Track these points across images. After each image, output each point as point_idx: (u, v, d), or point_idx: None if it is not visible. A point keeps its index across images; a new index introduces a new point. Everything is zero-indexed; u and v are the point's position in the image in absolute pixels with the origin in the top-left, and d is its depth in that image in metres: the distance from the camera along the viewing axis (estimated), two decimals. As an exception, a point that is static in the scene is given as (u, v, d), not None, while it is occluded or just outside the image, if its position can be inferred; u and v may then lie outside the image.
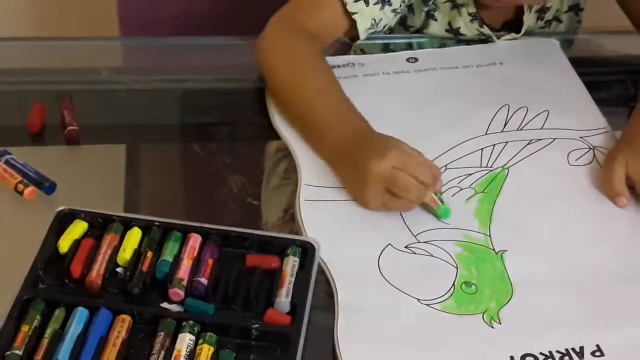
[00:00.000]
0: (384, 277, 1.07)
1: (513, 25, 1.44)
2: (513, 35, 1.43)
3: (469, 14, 1.40)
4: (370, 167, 1.10)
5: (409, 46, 1.44)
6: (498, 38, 1.43)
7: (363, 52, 1.41)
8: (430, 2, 1.39)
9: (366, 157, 1.11)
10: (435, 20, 1.41)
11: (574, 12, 1.48)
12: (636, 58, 1.47)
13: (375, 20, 1.32)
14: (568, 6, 1.46)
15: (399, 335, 1.01)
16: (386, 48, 1.43)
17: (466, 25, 1.41)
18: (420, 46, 1.43)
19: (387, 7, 1.32)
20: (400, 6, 1.35)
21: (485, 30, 1.41)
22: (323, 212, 1.15)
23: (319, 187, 1.17)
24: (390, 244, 1.11)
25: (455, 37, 1.43)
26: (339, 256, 1.09)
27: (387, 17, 1.33)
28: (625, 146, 1.20)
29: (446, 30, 1.43)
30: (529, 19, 1.42)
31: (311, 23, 1.31)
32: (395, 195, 1.11)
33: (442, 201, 1.14)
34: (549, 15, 1.45)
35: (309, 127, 1.22)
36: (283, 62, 1.27)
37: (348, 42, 1.38)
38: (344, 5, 1.30)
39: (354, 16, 1.31)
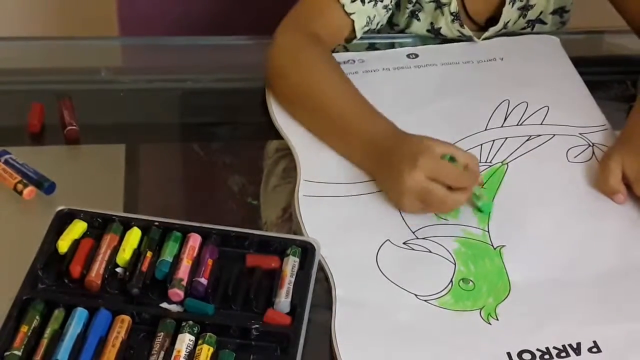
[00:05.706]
0: (382, 272, 1.08)
1: (496, 22, 1.43)
2: (494, 31, 1.43)
3: (451, 14, 1.40)
4: (404, 179, 1.11)
5: (391, 46, 1.44)
6: (478, 38, 1.43)
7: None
8: (415, 2, 1.40)
9: (399, 162, 1.12)
10: (418, 20, 1.42)
11: (558, 15, 1.47)
12: (634, 58, 1.47)
13: (369, 18, 1.33)
14: (554, 8, 1.46)
15: (396, 331, 1.02)
16: (371, 47, 1.42)
17: (447, 25, 1.41)
18: (402, 47, 1.43)
19: (379, 3, 1.34)
20: (391, 2, 1.36)
21: (466, 30, 1.41)
22: (321, 207, 1.15)
23: (318, 183, 1.18)
24: (388, 239, 1.11)
25: (436, 37, 1.44)
26: (337, 251, 1.09)
27: (380, 13, 1.35)
28: (622, 145, 1.21)
29: (427, 31, 1.43)
30: (509, 12, 1.42)
31: (318, 27, 1.32)
32: (430, 205, 1.12)
33: (478, 197, 1.15)
34: (532, 15, 1.45)
35: (332, 128, 1.22)
36: (297, 64, 1.28)
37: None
38: (342, 7, 1.32)
39: (352, 16, 1.32)
